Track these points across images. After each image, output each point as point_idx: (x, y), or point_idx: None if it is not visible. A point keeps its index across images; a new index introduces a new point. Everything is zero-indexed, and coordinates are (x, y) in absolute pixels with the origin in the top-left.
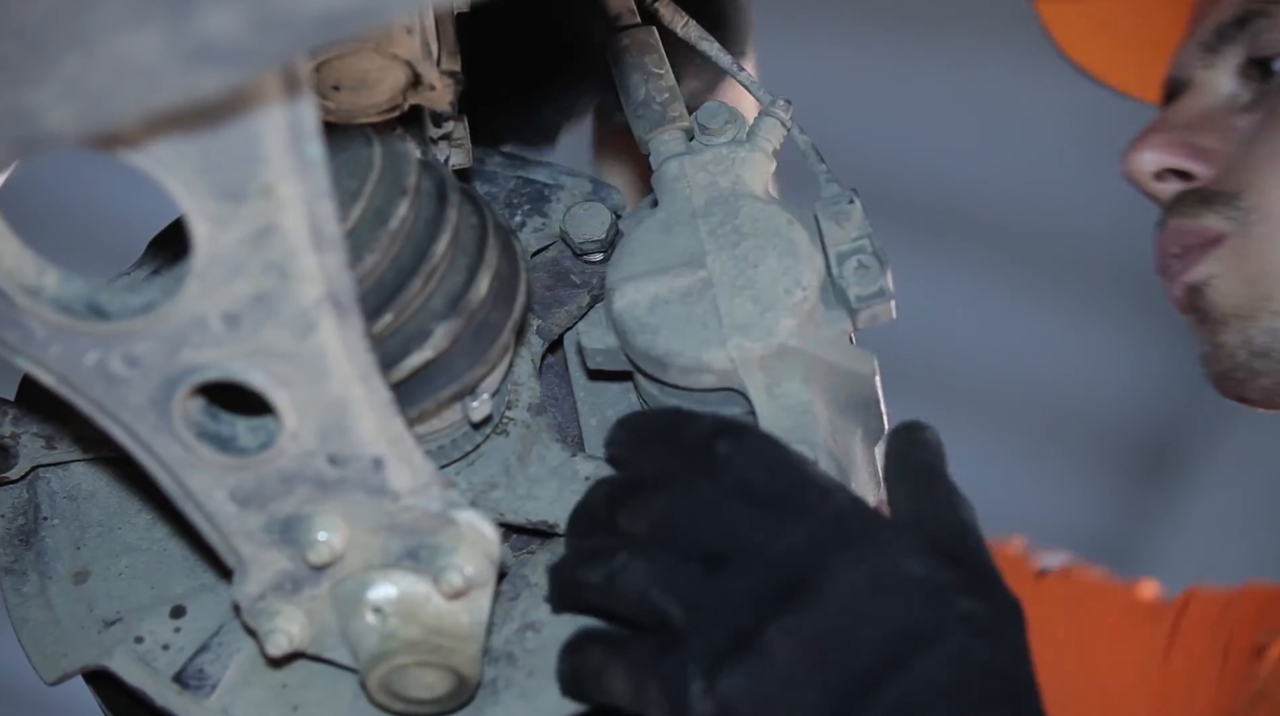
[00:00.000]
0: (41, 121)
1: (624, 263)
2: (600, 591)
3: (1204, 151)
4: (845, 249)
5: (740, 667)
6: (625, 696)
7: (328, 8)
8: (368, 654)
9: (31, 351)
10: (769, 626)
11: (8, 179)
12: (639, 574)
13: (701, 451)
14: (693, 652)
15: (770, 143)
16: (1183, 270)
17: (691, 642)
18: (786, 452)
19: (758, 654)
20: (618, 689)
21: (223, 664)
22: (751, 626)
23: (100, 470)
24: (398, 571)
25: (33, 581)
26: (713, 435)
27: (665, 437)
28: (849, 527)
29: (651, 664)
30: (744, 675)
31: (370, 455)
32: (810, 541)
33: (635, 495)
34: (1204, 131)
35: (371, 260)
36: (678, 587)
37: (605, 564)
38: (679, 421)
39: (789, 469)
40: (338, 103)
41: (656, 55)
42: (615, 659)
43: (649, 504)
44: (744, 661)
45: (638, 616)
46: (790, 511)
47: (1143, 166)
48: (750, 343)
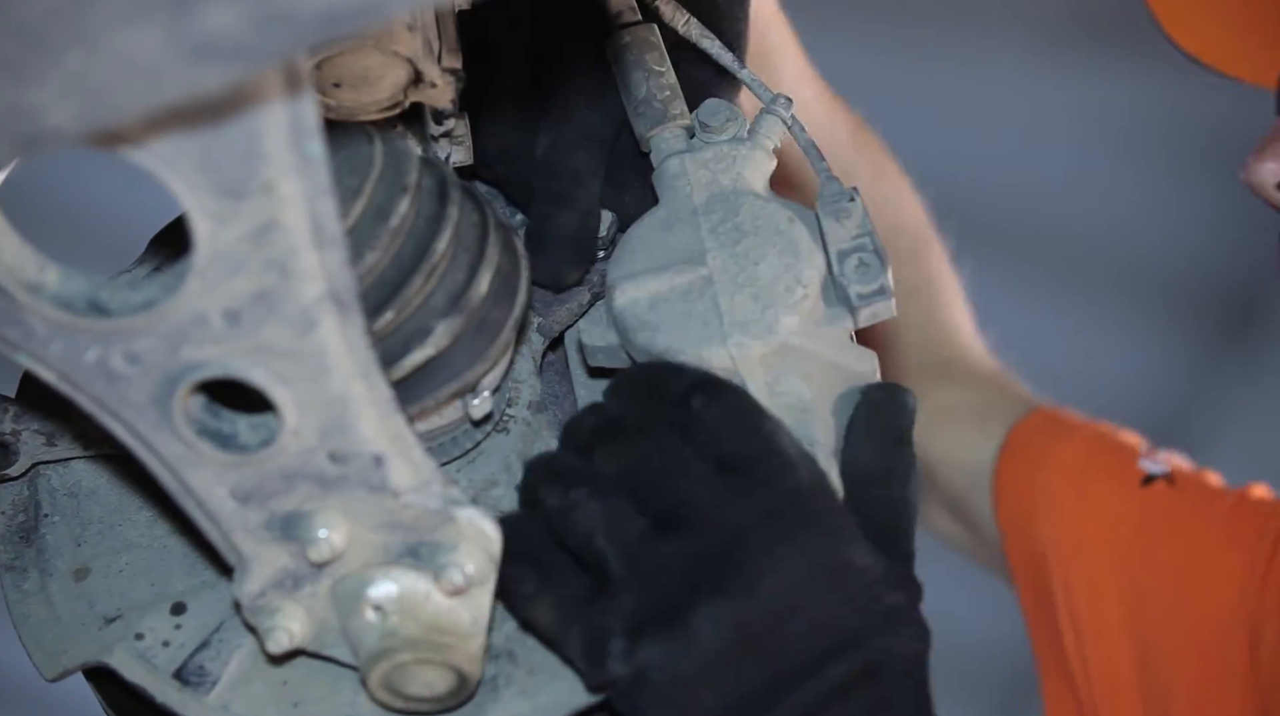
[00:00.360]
0: (43, 119)
1: (625, 260)
2: (554, 515)
3: None
4: (846, 247)
5: (663, 638)
6: (548, 631)
7: (329, 5)
8: (368, 651)
9: (32, 348)
10: (700, 604)
11: (9, 176)
12: (591, 514)
13: (680, 405)
14: (620, 609)
15: (771, 140)
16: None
17: (621, 599)
18: (759, 417)
19: (683, 629)
20: (542, 621)
21: (223, 661)
22: (682, 600)
23: (101, 467)
24: (398, 569)
25: (33, 578)
26: (691, 389)
27: (652, 385)
28: (802, 509)
29: (578, 609)
30: (664, 647)
31: (371, 452)
32: (759, 519)
33: (613, 436)
34: None
35: (372, 258)
36: (623, 539)
37: (565, 492)
38: (666, 373)
39: (758, 435)
40: (339, 100)
41: (657, 53)
42: (546, 592)
43: (622, 448)
44: (668, 633)
45: (579, 553)
46: (751, 479)
47: (1265, 178)
48: (751, 340)
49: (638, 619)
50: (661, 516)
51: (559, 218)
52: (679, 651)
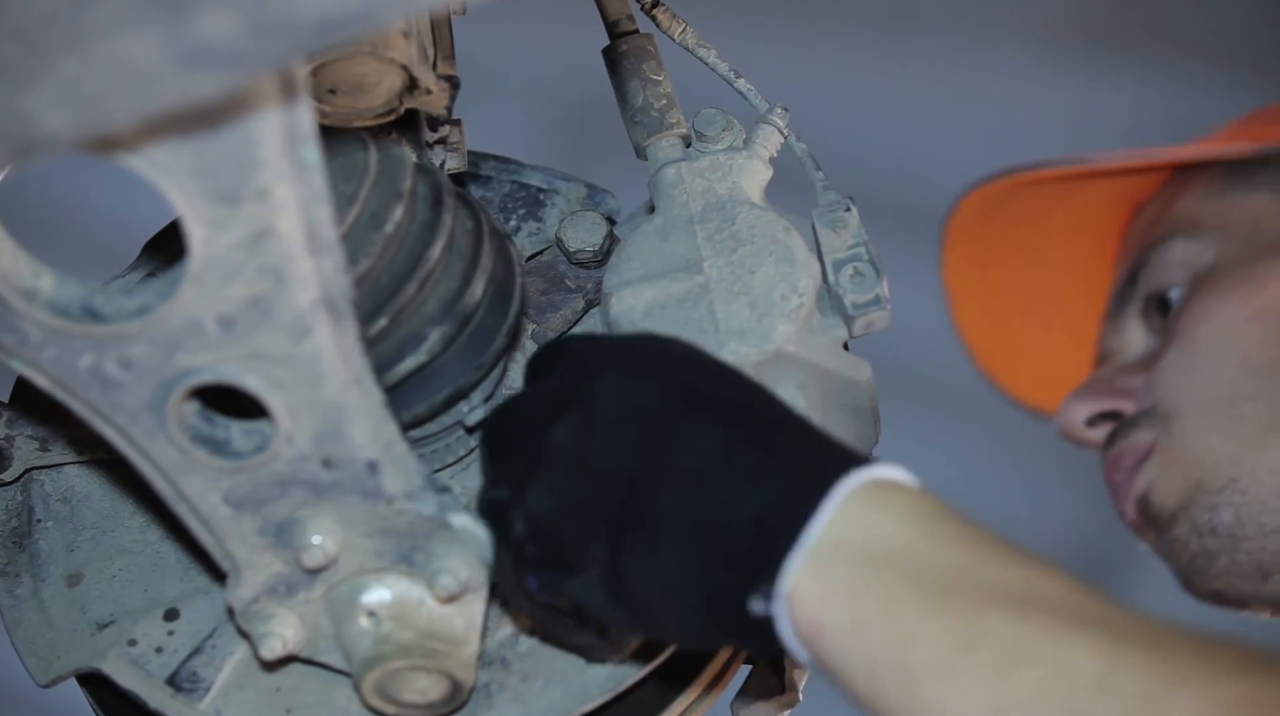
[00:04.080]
0: (38, 124)
1: (621, 268)
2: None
3: (1125, 391)
4: (841, 256)
5: (537, 476)
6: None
7: (324, 12)
8: (361, 657)
9: (26, 354)
10: (550, 432)
11: (3, 181)
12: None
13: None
14: (508, 483)
15: (767, 150)
16: (1128, 487)
17: (502, 474)
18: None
19: (544, 459)
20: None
21: (216, 667)
22: (538, 439)
23: (94, 473)
24: (392, 575)
25: (26, 583)
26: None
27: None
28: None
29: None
30: (544, 479)
31: (364, 459)
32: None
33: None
34: (1122, 377)
35: (366, 264)
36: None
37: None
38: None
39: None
40: (334, 106)
41: (654, 62)
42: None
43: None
44: (539, 470)
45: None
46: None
47: (1075, 417)
48: (746, 348)
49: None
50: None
51: None
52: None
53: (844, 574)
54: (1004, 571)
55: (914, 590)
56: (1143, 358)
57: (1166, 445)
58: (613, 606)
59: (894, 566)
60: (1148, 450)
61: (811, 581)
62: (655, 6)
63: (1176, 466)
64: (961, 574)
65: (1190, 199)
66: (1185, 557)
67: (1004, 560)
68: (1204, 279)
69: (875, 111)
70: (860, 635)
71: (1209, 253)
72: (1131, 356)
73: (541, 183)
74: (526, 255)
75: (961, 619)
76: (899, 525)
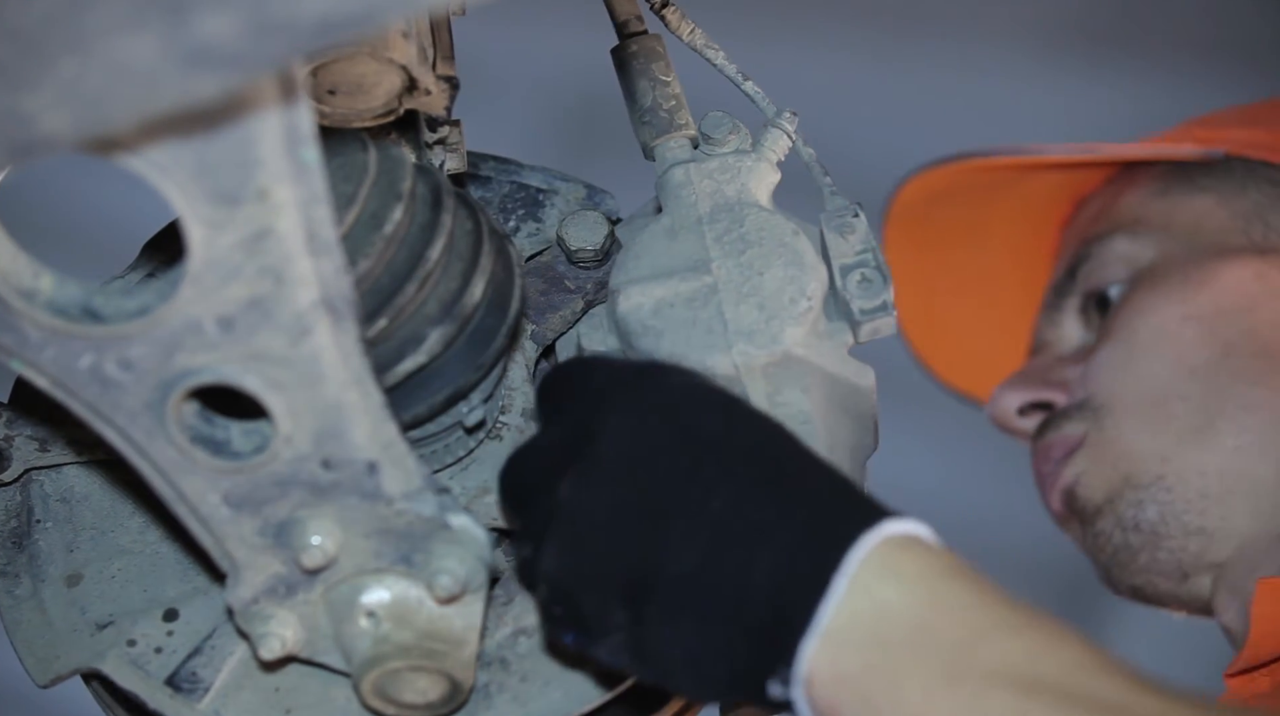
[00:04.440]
0: (37, 125)
1: (629, 266)
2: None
3: (1058, 382)
4: (849, 262)
5: (551, 537)
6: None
7: (324, 13)
8: (361, 658)
9: (26, 354)
10: (561, 486)
11: (3, 182)
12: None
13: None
14: (529, 541)
15: (775, 153)
16: (1056, 478)
17: (525, 532)
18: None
19: (556, 515)
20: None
21: (215, 667)
22: (550, 493)
23: (94, 473)
24: (391, 576)
25: (25, 584)
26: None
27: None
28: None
29: (519, 567)
30: (555, 543)
31: (364, 459)
32: (586, 404)
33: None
34: (1056, 369)
35: (366, 265)
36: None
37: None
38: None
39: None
40: (333, 107)
41: (663, 63)
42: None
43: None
44: (553, 528)
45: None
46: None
47: (1006, 406)
48: (755, 349)
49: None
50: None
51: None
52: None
53: (855, 656)
54: (1010, 645)
55: (921, 669)
56: (1077, 351)
57: (1097, 438)
58: (639, 669)
59: (903, 643)
60: (1078, 442)
61: (826, 665)
62: (665, 7)
63: (1105, 460)
64: (968, 649)
65: (1135, 196)
66: (1108, 552)
67: (1011, 631)
68: (1144, 277)
69: (879, 114)
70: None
71: (1150, 251)
72: (1066, 349)
73: (541, 183)
74: (526, 256)
75: (966, 701)
76: (909, 595)
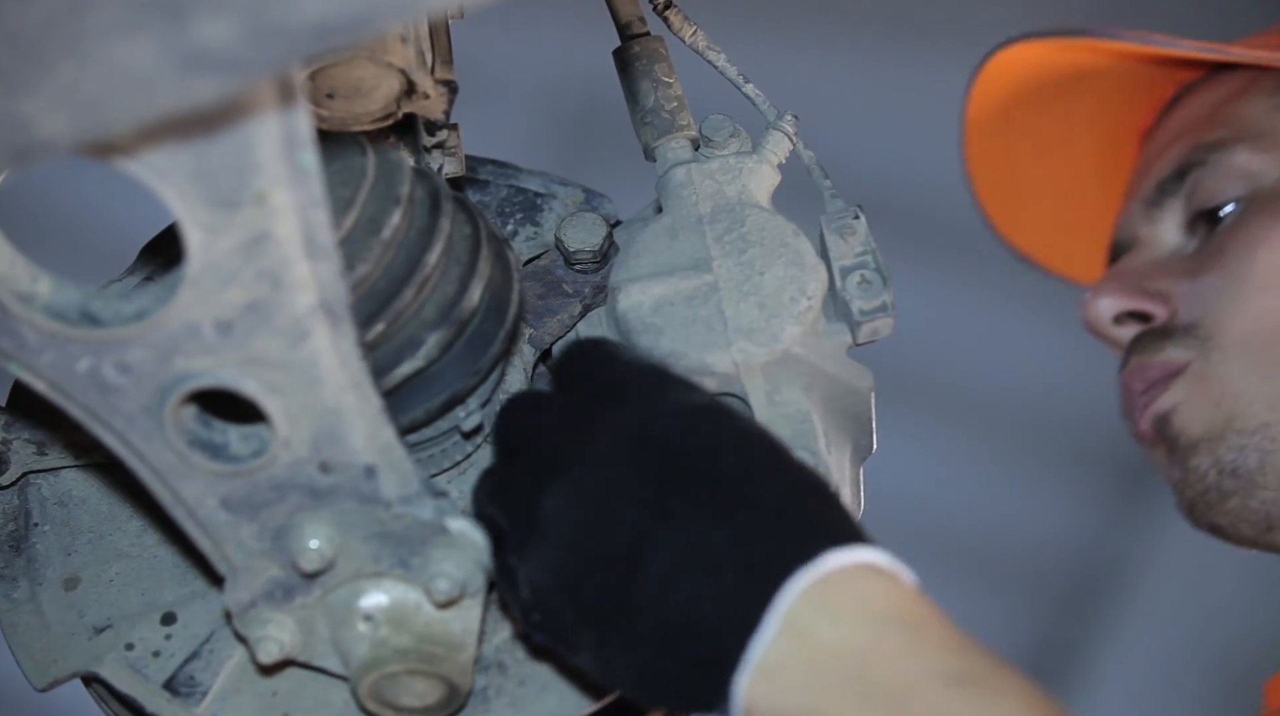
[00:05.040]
0: (35, 129)
1: (629, 264)
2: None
3: (1158, 293)
4: (849, 263)
5: (533, 546)
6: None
7: (322, 16)
8: (359, 662)
9: (24, 358)
10: (544, 497)
11: (1, 185)
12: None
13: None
14: (511, 546)
15: (776, 156)
16: (1149, 403)
17: (509, 537)
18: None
19: (541, 528)
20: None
21: (213, 671)
22: (533, 503)
23: (91, 476)
24: (389, 579)
25: (23, 587)
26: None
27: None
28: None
29: (499, 567)
30: (537, 552)
31: (362, 463)
32: (575, 414)
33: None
34: (1156, 277)
35: (364, 269)
36: (500, 492)
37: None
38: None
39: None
40: (331, 111)
41: (666, 64)
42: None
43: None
44: (535, 539)
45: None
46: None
47: (1102, 313)
48: (755, 348)
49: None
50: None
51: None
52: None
53: (789, 696)
54: (947, 698)
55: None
56: (1176, 257)
57: (1201, 371)
58: (605, 682)
59: (838, 686)
60: (1178, 369)
61: (762, 700)
62: (668, 8)
63: (1208, 396)
64: (903, 699)
65: (1258, 106)
66: (1196, 488)
67: (950, 682)
68: (1266, 200)
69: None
70: None
71: (1275, 172)
72: (1163, 251)
73: (539, 187)
74: (524, 260)
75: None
76: (845, 636)
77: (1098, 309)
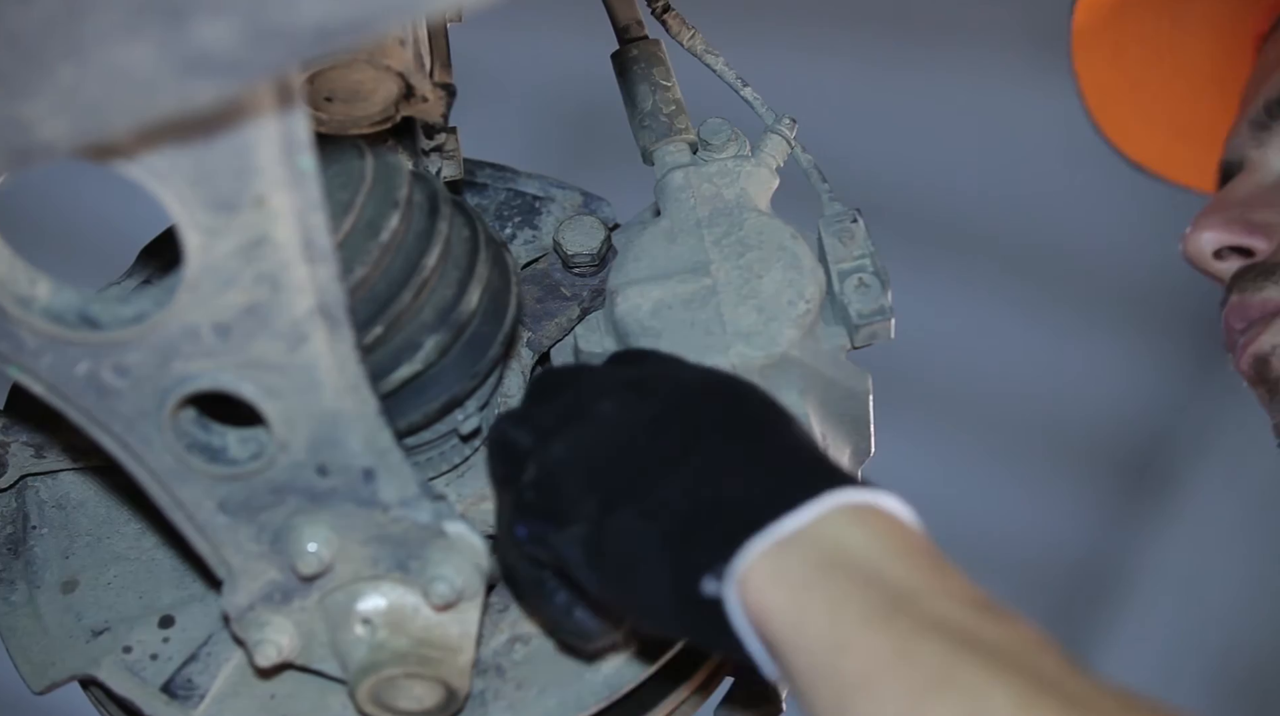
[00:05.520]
0: (36, 132)
1: (628, 267)
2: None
3: (1262, 226)
4: (847, 266)
5: (568, 431)
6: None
7: (322, 20)
8: (357, 665)
9: (23, 361)
10: (602, 401)
11: (1, 188)
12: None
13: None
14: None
15: (775, 159)
16: (1249, 343)
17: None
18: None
19: (584, 419)
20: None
21: (211, 674)
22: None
23: (89, 479)
24: (387, 583)
25: (21, 590)
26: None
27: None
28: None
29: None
30: (570, 437)
31: (360, 466)
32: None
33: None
34: (1260, 207)
35: (362, 272)
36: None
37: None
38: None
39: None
40: (330, 114)
41: (664, 68)
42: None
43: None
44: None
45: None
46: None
47: (1203, 247)
48: (753, 351)
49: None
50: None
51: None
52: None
53: (800, 570)
54: (957, 608)
55: (863, 600)
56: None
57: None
58: (588, 565)
59: (851, 575)
60: (1278, 309)
61: (767, 569)
62: (666, 12)
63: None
64: (914, 597)
65: None
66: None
67: (960, 600)
68: None
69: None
70: (801, 633)
71: None
72: (1271, 177)
73: (537, 190)
74: (522, 263)
75: (898, 637)
76: (871, 541)
77: (1198, 243)
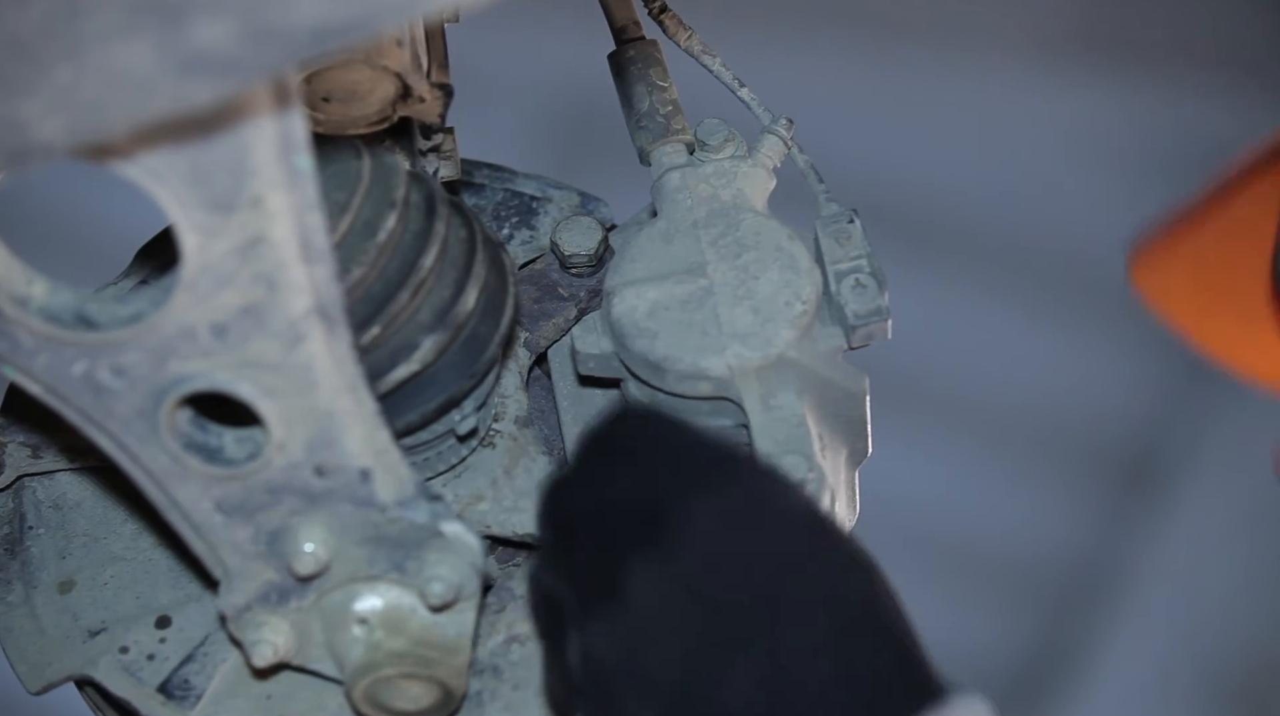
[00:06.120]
0: (32, 132)
1: (624, 268)
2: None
3: None
4: (844, 267)
5: (602, 612)
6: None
7: (319, 20)
8: (353, 665)
9: (19, 361)
10: (629, 561)
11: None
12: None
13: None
14: (569, 608)
15: (772, 160)
16: None
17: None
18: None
19: (618, 595)
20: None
21: (208, 675)
22: (614, 567)
23: (86, 479)
24: (384, 583)
25: (17, 591)
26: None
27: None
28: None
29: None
30: (605, 619)
31: (357, 467)
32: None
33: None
34: None
35: (359, 272)
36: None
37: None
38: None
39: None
40: (327, 114)
41: (661, 68)
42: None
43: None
44: (605, 605)
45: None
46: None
47: None
48: (749, 352)
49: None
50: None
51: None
52: (618, 618)
53: None
54: None
55: None
56: None
57: None
58: None
59: None
60: None
61: None
62: (663, 12)
63: None
64: None
65: None
66: None
67: None
68: None
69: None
70: None
71: None
72: None
73: (535, 191)
74: (519, 263)
75: None
76: None
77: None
